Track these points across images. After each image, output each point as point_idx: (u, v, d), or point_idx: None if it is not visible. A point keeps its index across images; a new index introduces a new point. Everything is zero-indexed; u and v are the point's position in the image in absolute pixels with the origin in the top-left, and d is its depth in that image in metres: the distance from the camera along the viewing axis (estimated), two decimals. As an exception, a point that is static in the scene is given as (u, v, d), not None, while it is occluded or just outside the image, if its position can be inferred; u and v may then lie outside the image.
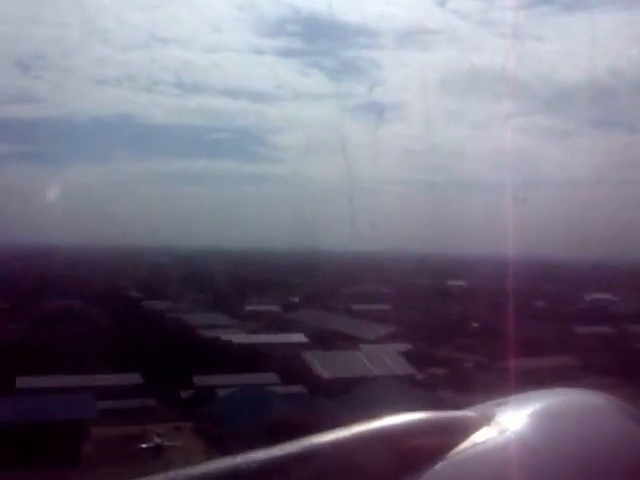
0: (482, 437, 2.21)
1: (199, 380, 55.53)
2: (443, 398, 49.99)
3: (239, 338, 68.24)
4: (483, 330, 75.94)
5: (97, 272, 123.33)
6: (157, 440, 45.48)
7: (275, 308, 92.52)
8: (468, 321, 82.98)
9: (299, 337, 69.15)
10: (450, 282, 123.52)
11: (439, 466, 2.08)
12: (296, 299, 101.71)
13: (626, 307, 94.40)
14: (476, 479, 2.11)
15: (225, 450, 39.64)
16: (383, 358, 58.41)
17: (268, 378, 56.15)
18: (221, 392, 52.14)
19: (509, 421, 2.29)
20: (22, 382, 52.56)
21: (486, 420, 2.30)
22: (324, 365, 56.09)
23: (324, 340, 68.53)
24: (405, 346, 66.26)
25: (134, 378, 55.93)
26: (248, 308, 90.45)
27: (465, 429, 2.23)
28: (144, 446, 44.99)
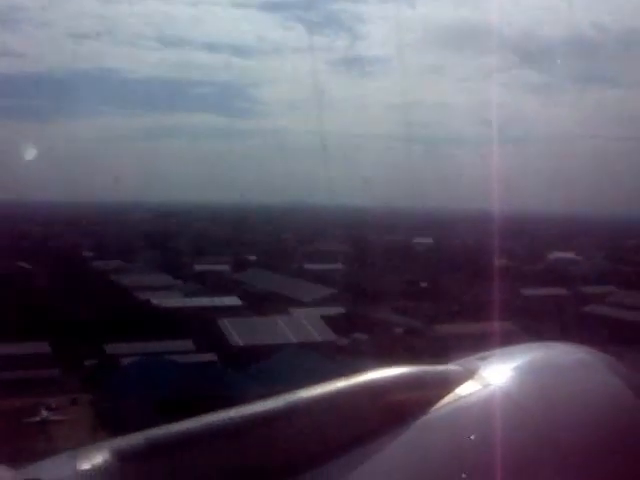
0: (466, 391, 2.25)
1: (110, 348, 53.10)
2: (357, 366, 47.46)
3: (169, 302, 65.72)
4: (430, 291, 73.32)
5: (56, 230, 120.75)
6: (44, 414, 43.15)
7: (224, 268, 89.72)
8: (418, 282, 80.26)
9: (232, 300, 66.63)
10: (417, 239, 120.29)
11: (424, 419, 2.14)
12: (253, 257, 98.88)
13: (588, 267, 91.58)
14: (460, 432, 2.13)
15: (117, 425, 37.59)
16: (305, 324, 55.87)
17: (183, 346, 53.73)
18: (124, 361, 49.75)
19: (493, 375, 2.32)
20: None
21: (470, 374, 2.33)
22: (240, 332, 53.65)
23: (258, 303, 66.04)
24: (338, 309, 63.79)
25: (41, 347, 53.48)
26: (196, 268, 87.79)
27: (449, 383, 2.27)
28: (29, 420, 42.65)
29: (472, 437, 2.12)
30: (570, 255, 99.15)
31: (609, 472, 2.18)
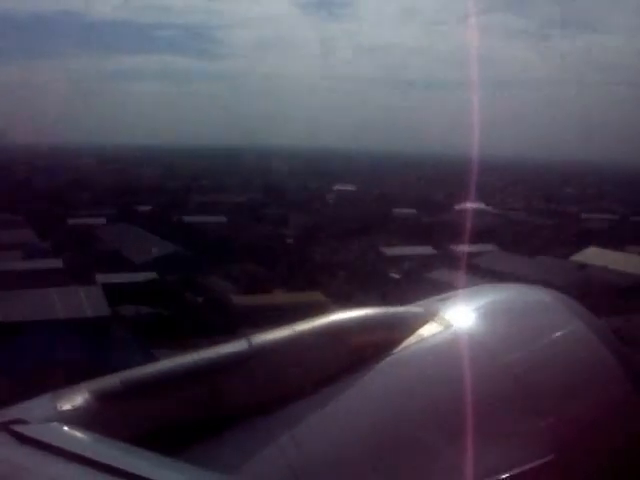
0: (427, 332, 2.30)
1: None
2: (125, 346, 43.17)
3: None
4: (282, 254, 67.76)
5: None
6: None
7: (100, 220, 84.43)
8: (281, 239, 74.67)
9: (54, 263, 61.79)
10: (338, 186, 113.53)
11: (387, 360, 2.20)
12: (147, 208, 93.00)
13: (489, 220, 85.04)
14: (421, 373, 2.20)
15: None
16: (80, 295, 50.96)
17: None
18: None
19: (453, 316, 2.37)
20: None
21: (431, 315, 2.38)
22: (7, 306, 49.01)
23: (84, 266, 61.16)
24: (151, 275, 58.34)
25: None
26: (71, 222, 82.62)
27: (411, 324, 2.32)
28: None
29: (434, 377, 2.18)
30: (478, 205, 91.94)
31: (570, 408, 2.21)
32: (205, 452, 1.97)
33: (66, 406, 1.91)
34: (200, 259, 63.49)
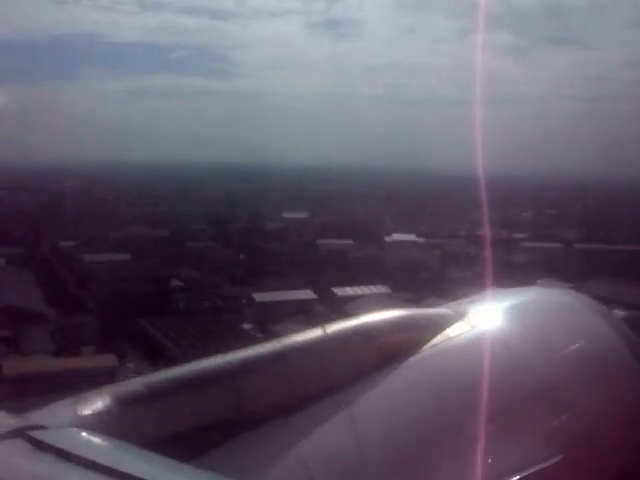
0: (454, 332, 2.33)
1: None
2: None
3: None
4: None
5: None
6: None
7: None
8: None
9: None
10: (287, 214, 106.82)
11: (413, 360, 2.21)
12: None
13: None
14: (448, 372, 2.22)
15: None
16: None
17: None
18: None
19: (481, 317, 2.40)
20: None
21: (459, 316, 2.41)
22: None
23: None
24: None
25: None
26: None
27: (438, 325, 2.34)
28: None
29: (460, 376, 2.19)
30: (407, 237, 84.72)
31: (594, 409, 2.24)
32: (228, 456, 1.90)
33: (86, 411, 1.83)
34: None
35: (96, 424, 1.77)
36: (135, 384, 1.91)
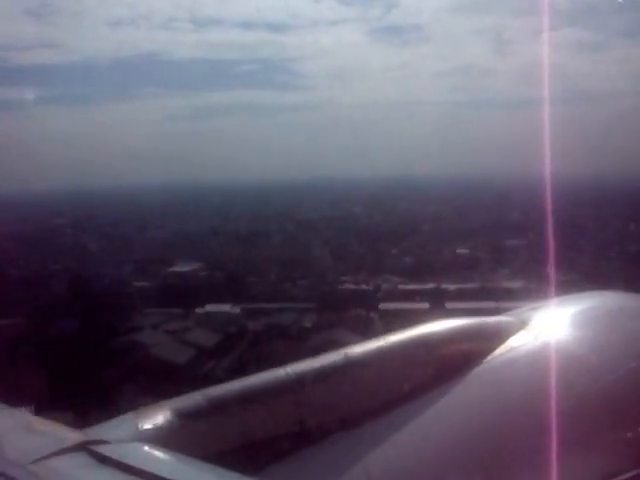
0: (518, 341, 2.33)
1: None
2: None
3: None
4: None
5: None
6: None
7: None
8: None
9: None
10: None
11: (477, 370, 2.21)
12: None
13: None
14: (512, 382, 2.21)
15: None
16: None
17: None
18: None
19: (544, 325, 2.42)
20: None
21: (522, 325, 2.42)
22: None
23: None
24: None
25: None
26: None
27: (502, 334, 2.35)
28: None
29: (525, 386, 2.17)
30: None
31: None
32: (290, 470, 1.88)
33: (148, 425, 1.83)
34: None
35: (158, 438, 1.76)
36: (196, 398, 1.88)
